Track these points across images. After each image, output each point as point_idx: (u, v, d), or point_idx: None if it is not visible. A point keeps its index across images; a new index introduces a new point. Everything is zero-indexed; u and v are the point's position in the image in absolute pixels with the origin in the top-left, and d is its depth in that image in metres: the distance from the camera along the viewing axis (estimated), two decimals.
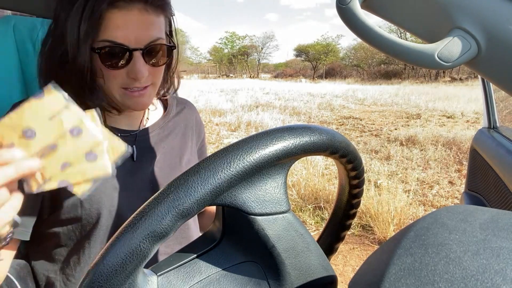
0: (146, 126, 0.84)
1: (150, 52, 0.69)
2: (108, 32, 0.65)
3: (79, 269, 0.75)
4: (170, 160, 0.84)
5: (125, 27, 0.65)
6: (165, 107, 0.92)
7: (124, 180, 0.75)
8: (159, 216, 0.34)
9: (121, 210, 0.74)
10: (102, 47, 0.66)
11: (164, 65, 0.76)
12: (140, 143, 0.81)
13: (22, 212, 0.65)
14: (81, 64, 0.67)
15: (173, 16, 0.79)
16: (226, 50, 61.81)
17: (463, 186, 2.18)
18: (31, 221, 0.70)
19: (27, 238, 0.70)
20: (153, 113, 0.88)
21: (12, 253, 0.69)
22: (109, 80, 0.70)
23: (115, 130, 0.78)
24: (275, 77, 54.57)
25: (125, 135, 0.79)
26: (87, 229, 0.72)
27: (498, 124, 1.62)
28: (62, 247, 0.75)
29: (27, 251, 0.79)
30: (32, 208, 0.69)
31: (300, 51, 56.37)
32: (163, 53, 0.73)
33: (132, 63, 0.68)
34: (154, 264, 0.42)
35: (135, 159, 0.79)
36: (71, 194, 0.69)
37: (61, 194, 0.70)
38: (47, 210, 0.72)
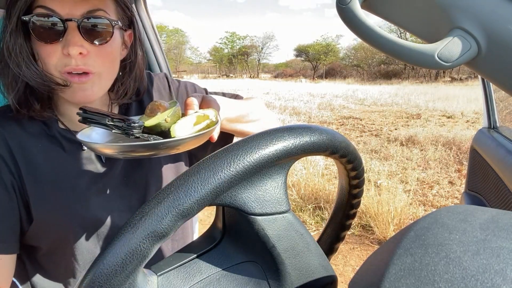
0: None
1: (88, 25, 0.62)
2: (40, 0, 0.60)
3: (70, 279, 0.75)
4: None
5: None
6: None
7: (95, 183, 0.72)
8: (159, 216, 0.34)
9: (97, 213, 0.72)
10: (33, 15, 0.60)
11: (112, 51, 0.67)
12: None
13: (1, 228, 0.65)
14: (17, 41, 0.61)
15: (129, 10, 0.72)
16: (226, 50, 61.83)
17: (463, 186, 2.18)
18: (12, 235, 0.67)
19: (16, 251, 0.68)
20: (115, 106, 0.82)
21: (13, 262, 0.68)
22: (44, 61, 0.63)
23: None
24: (275, 77, 54.58)
25: None
26: (65, 238, 0.71)
27: (498, 124, 1.62)
28: (47, 257, 0.74)
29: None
30: (9, 222, 0.66)
31: (300, 51, 56.39)
32: (107, 30, 0.64)
33: (65, 36, 0.61)
34: (153, 264, 0.42)
35: (104, 161, 0.75)
36: (41, 206, 0.68)
37: (33, 207, 0.68)
38: (26, 222, 0.69)
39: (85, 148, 0.73)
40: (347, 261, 2.54)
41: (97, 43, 0.64)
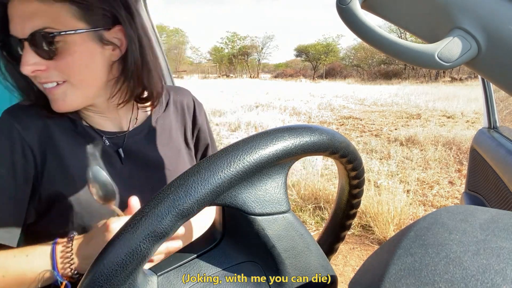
0: (136, 126, 0.80)
1: (37, 42, 0.63)
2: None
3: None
4: (161, 164, 0.81)
5: (11, 18, 0.64)
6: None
7: (113, 178, 0.72)
8: (159, 216, 0.34)
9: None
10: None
11: (76, 60, 0.66)
12: (128, 145, 0.77)
13: (6, 220, 0.65)
14: (2, 64, 0.70)
15: (107, 8, 0.67)
16: (226, 50, 61.82)
17: (463, 186, 2.18)
18: (16, 229, 0.68)
19: (14, 245, 0.67)
20: (142, 112, 0.82)
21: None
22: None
23: (101, 133, 0.75)
24: (275, 77, 54.57)
25: (111, 137, 0.76)
26: (79, 225, 0.71)
27: (498, 124, 1.62)
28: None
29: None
30: (16, 216, 0.68)
31: (300, 51, 56.39)
32: (59, 43, 0.64)
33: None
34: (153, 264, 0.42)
35: (123, 163, 0.76)
36: (63, 199, 0.69)
37: (55, 201, 0.69)
38: (33, 216, 0.70)
39: (107, 142, 0.75)
40: (347, 261, 2.54)
41: (53, 58, 0.64)
